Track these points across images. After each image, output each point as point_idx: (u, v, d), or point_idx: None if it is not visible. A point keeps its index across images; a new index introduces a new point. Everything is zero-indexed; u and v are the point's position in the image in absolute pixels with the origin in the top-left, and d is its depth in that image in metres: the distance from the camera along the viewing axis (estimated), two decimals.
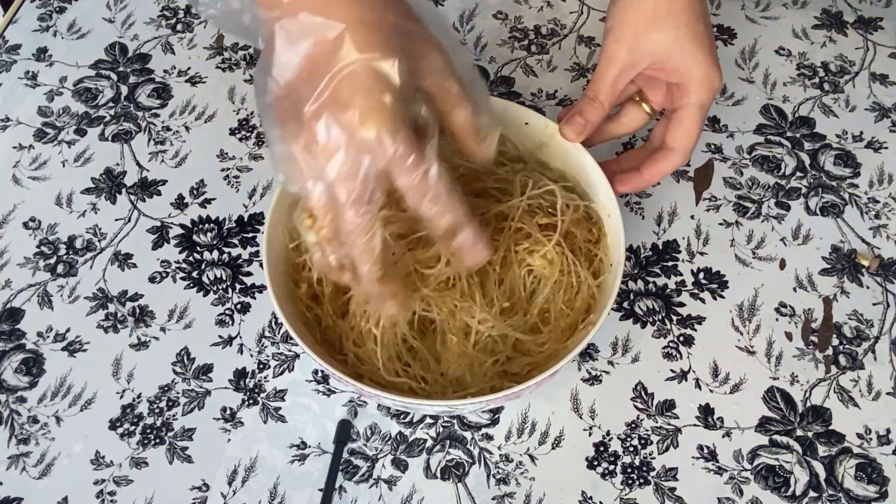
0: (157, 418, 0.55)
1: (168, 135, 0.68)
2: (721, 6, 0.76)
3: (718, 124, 0.68)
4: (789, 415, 0.56)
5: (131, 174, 0.66)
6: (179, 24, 0.75)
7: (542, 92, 0.70)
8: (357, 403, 0.56)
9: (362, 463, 0.54)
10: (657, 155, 0.56)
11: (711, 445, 0.54)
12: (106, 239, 0.63)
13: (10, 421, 0.55)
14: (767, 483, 0.53)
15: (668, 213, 0.64)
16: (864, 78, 0.71)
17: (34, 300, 0.60)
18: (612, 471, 0.54)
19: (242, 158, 0.66)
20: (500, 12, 0.75)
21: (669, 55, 0.52)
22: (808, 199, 0.65)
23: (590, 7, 0.76)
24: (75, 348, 0.58)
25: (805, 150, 0.67)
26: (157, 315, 0.59)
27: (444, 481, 0.53)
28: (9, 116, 0.69)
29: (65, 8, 0.76)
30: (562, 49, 0.73)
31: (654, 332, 0.59)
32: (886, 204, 0.64)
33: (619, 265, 0.52)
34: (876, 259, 0.61)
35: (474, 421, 0.55)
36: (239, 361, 0.58)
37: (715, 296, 0.60)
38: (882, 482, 0.53)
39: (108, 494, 0.53)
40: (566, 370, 0.57)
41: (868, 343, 0.58)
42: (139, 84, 0.71)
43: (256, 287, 0.61)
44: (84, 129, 0.68)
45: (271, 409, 0.56)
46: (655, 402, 0.56)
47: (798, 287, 0.61)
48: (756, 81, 0.71)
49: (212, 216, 0.64)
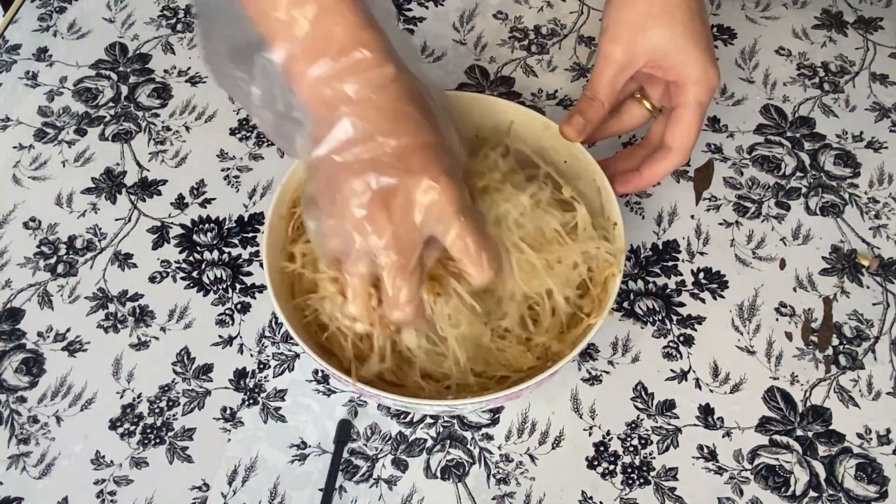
0: (158, 418, 0.55)
1: (168, 135, 0.68)
2: (721, 6, 0.76)
3: (718, 124, 0.68)
4: (789, 415, 0.56)
5: (131, 174, 0.66)
6: (179, 24, 0.75)
7: (542, 92, 0.70)
8: (357, 403, 0.56)
9: (362, 463, 0.54)
10: (656, 154, 0.56)
11: (711, 445, 0.54)
12: (106, 239, 0.63)
13: (10, 421, 0.55)
14: (767, 483, 0.53)
15: (668, 213, 0.64)
16: (864, 78, 0.71)
17: (34, 300, 0.60)
18: (612, 471, 0.54)
19: (242, 158, 0.66)
20: (500, 12, 0.75)
21: (665, 53, 0.52)
22: (808, 199, 0.65)
23: (590, 7, 0.76)
24: (75, 348, 0.58)
25: (805, 150, 0.67)
26: (157, 315, 0.59)
27: (444, 481, 0.53)
28: (9, 116, 0.69)
29: (65, 8, 0.76)
30: (562, 49, 0.73)
31: (654, 332, 0.59)
32: (886, 204, 0.64)
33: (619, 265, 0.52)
34: (876, 259, 0.61)
35: (474, 421, 0.55)
36: (239, 361, 0.58)
37: (715, 296, 0.60)
38: (882, 482, 0.53)
39: (108, 494, 0.53)
40: (566, 370, 0.57)
41: (868, 343, 0.58)
42: (139, 84, 0.71)
43: (256, 287, 0.61)
44: (84, 129, 0.68)
45: (271, 408, 0.56)
46: (655, 402, 0.56)
47: (798, 287, 0.61)
48: (756, 81, 0.71)
49: (212, 216, 0.64)
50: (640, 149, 0.59)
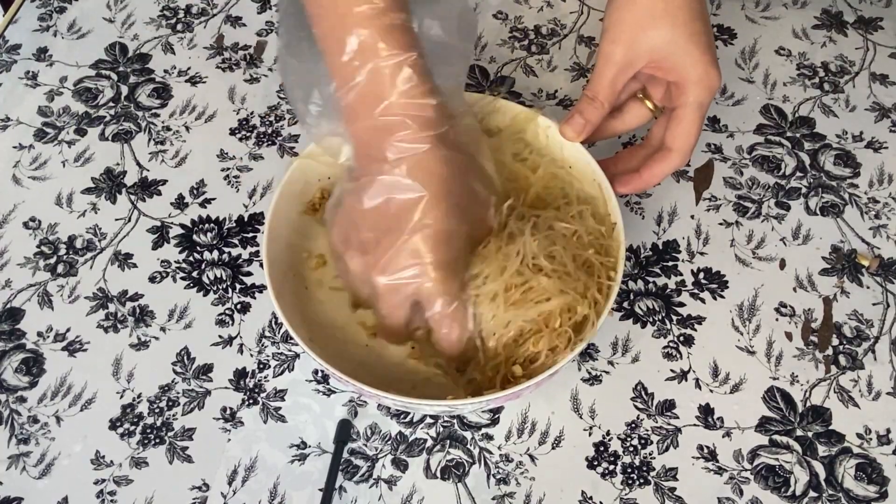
0: (157, 418, 0.55)
1: (168, 135, 0.68)
2: (721, 6, 0.76)
3: (718, 124, 0.68)
4: (789, 415, 0.56)
5: (131, 174, 0.66)
6: (179, 24, 0.75)
7: (542, 92, 0.70)
8: (357, 403, 0.56)
9: (362, 463, 0.54)
10: (657, 155, 0.56)
11: (711, 445, 0.54)
12: (106, 239, 0.63)
13: (10, 421, 0.55)
14: (767, 483, 0.53)
15: (668, 213, 0.64)
16: (864, 78, 0.71)
17: (34, 300, 0.60)
18: (612, 471, 0.54)
19: (242, 158, 0.66)
20: (500, 12, 0.75)
21: (666, 54, 0.52)
22: (808, 199, 0.65)
23: (590, 7, 0.76)
24: (75, 348, 0.58)
25: (805, 150, 0.67)
26: (157, 315, 0.59)
27: (444, 481, 0.53)
28: (9, 116, 0.69)
29: (65, 8, 0.76)
30: (562, 49, 0.73)
31: (654, 332, 0.59)
32: (886, 204, 0.64)
33: (619, 265, 0.52)
34: (876, 259, 0.61)
35: (474, 421, 0.55)
36: (239, 361, 0.58)
37: (715, 296, 0.60)
38: (882, 482, 0.53)
39: (108, 494, 0.53)
40: (566, 370, 0.57)
41: (868, 343, 0.58)
42: (139, 84, 0.71)
43: (256, 287, 0.61)
44: (84, 128, 0.68)
45: (271, 408, 0.56)
46: (655, 402, 0.56)
47: (798, 287, 0.61)
48: (756, 81, 0.71)
49: (212, 216, 0.64)
50: (640, 149, 0.59)
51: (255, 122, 0.68)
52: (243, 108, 0.69)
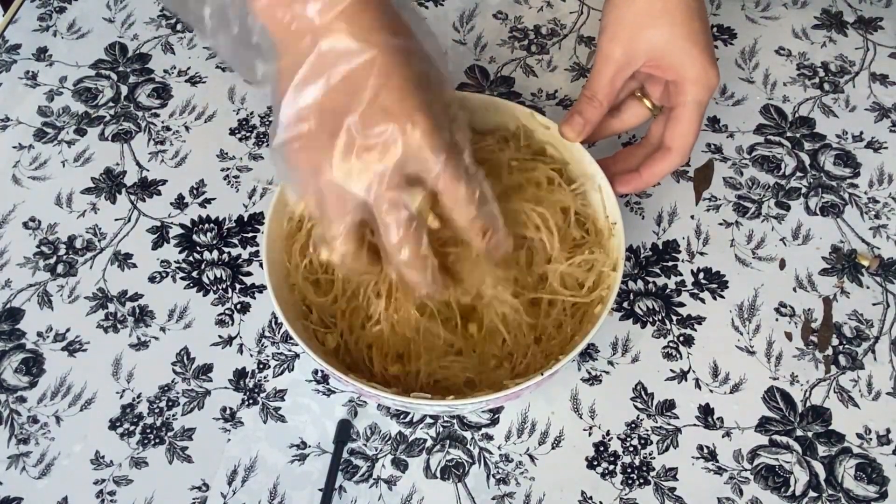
0: (157, 418, 0.55)
1: (168, 135, 0.68)
2: (721, 6, 0.76)
3: (718, 124, 0.68)
4: (789, 415, 0.56)
5: (131, 174, 0.66)
6: (179, 24, 0.75)
7: (542, 92, 0.70)
8: (357, 403, 0.56)
9: (362, 463, 0.54)
10: (656, 155, 0.56)
11: (711, 445, 0.54)
12: (106, 239, 0.63)
13: (10, 421, 0.55)
14: (767, 483, 0.53)
15: (668, 213, 0.64)
16: (864, 78, 0.71)
17: (34, 300, 0.60)
18: (611, 471, 0.54)
19: (242, 158, 0.66)
20: (500, 12, 0.75)
21: (664, 53, 0.52)
22: (808, 199, 0.65)
23: (590, 7, 0.76)
24: (75, 348, 0.58)
25: (805, 150, 0.67)
26: (157, 315, 0.59)
27: (444, 481, 0.53)
28: (9, 116, 0.69)
29: (65, 8, 0.76)
30: (562, 49, 0.73)
31: (654, 332, 0.59)
32: (886, 204, 0.64)
33: (619, 265, 0.52)
34: (876, 259, 0.61)
35: (474, 421, 0.55)
36: (239, 361, 0.58)
37: (715, 296, 0.60)
38: (882, 482, 0.53)
39: (108, 494, 0.53)
40: (566, 370, 0.57)
41: (868, 343, 0.58)
42: (139, 84, 0.71)
43: (256, 287, 0.61)
44: (84, 128, 0.68)
45: (271, 409, 0.56)
46: (655, 402, 0.56)
47: (798, 287, 0.61)
48: (756, 81, 0.71)
49: (212, 216, 0.64)
50: (639, 149, 0.59)
51: (255, 122, 0.68)
52: (243, 108, 0.69)
